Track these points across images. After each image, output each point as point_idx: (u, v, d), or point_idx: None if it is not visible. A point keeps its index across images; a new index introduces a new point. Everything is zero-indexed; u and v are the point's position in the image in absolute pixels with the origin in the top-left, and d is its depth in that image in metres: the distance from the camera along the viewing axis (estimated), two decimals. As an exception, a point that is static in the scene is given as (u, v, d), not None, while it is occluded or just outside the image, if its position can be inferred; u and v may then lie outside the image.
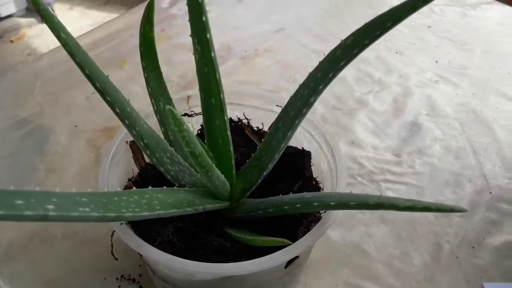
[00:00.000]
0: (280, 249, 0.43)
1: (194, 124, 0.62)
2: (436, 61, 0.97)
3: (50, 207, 0.29)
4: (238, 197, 0.51)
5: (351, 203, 0.40)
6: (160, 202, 0.41)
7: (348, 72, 0.92)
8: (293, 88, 0.84)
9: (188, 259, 0.44)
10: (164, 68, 0.50)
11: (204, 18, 0.41)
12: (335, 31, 1.05)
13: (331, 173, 0.51)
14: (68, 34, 0.38)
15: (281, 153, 0.47)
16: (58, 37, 0.38)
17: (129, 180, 0.53)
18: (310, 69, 0.43)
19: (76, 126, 0.75)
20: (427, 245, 0.62)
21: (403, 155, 0.75)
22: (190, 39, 0.44)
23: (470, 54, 1.00)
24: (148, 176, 0.52)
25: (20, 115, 0.76)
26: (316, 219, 0.48)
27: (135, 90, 0.82)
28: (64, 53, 0.39)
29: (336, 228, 0.63)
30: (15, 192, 0.27)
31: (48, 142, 0.72)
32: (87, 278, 0.55)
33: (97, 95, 0.42)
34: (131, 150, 0.53)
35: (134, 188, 0.51)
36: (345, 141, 0.76)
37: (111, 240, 0.48)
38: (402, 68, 0.95)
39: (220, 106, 0.47)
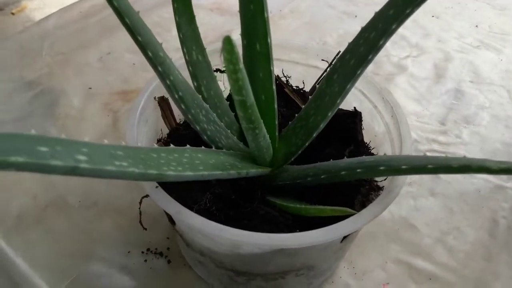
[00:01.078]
0: (337, 220, 0.37)
1: (226, 82, 0.55)
2: (476, 26, 0.90)
3: (81, 157, 0.23)
4: (280, 162, 0.44)
5: (429, 166, 0.33)
6: (202, 163, 0.34)
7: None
8: (324, 51, 0.76)
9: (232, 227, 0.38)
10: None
11: None
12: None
13: (390, 136, 0.44)
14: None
15: (335, 110, 0.41)
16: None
17: (158, 141, 0.46)
18: (342, 32, 0.37)
19: (90, 88, 0.68)
20: (482, 220, 0.56)
21: (449, 124, 0.68)
22: (210, 0, 0.37)
23: (510, 19, 0.92)
24: (179, 137, 0.45)
25: (27, 77, 0.69)
26: (376, 187, 0.42)
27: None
28: (74, 12, 0.33)
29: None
30: (37, 137, 0.21)
31: (59, 105, 0.65)
32: (110, 252, 0.50)
33: (112, 56, 0.35)
34: (160, 107, 0.46)
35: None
36: (385, 108, 0.69)
37: (139, 208, 0.41)
38: (440, 32, 0.87)
39: (266, 54, 0.40)
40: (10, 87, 0.68)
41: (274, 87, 0.42)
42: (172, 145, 0.43)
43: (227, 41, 0.25)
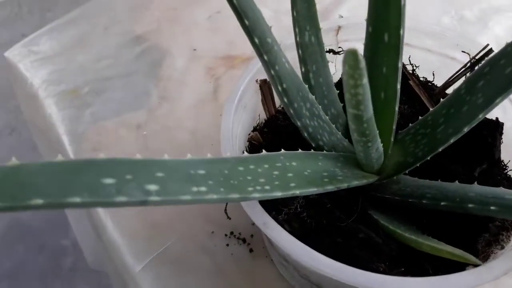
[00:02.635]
0: (452, 264, 0.30)
1: (338, 65, 0.48)
2: None
3: (153, 188, 0.19)
4: (391, 172, 0.38)
5: None
6: (295, 175, 0.30)
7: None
8: (460, 29, 0.63)
9: (322, 244, 0.34)
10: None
11: None
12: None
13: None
14: None
15: (474, 125, 0.32)
16: None
17: (255, 128, 0.42)
18: (485, 6, 0.28)
19: (195, 50, 0.65)
20: None
21: None
22: None
23: None
24: (278, 127, 0.41)
25: (136, 31, 0.69)
26: (509, 226, 0.34)
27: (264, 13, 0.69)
28: None
29: None
30: (106, 165, 0.17)
31: (163, 66, 0.64)
32: (195, 228, 0.48)
33: (221, 15, 0.30)
34: (260, 91, 0.41)
35: (259, 138, 0.41)
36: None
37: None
38: None
39: (395, 48, 0.33)
40: (119, 40, 0.68)
41: (398, 86, 0.35)
42: (268, 136, 0.39)
43: (351, 56, 0.19)
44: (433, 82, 0.44)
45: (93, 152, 0.54)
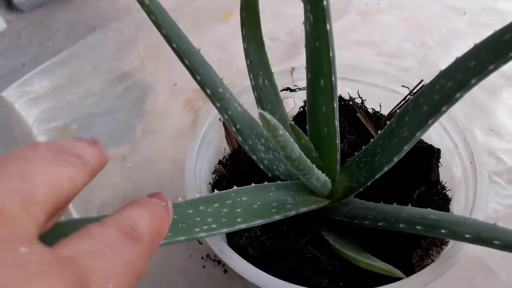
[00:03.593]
0: (387, 278, 0.34)
1: (297, 100, 0.53)
2: None
3: None
4: (340, 196, 0.42)
5: (496, 242, 0.30)
6: (243, 210, 0.34)
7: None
8: (421, 54, 0.69)
9: (277, 264, 0.38)
10: (270, 24, 0.42)
11: (321, -20, 0.32)
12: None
13: (467, 184, 0.40)
14: (153, 0, 0.31)
15: (402, 156, 0.37)
16: (142, 4, 0.31)
17: (220, 162, 0.47)
18: (445, 32, 0.32)
19: (175, 84, 0.71)
20: None
21: (558, 153, 0.59)
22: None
23: None
24: (240, 160, 0.46)
25: (122, 68, 0.74)
26: (438, 241, 0.38)
27: (240, 48, 0.75)
28: (169, 1, 0.32)
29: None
30: (69, 224, 0.23)
31: (147, 100, 0.69)
32: (173, 252, 0.53)
33: (202, 51, 0.35)
34: (224, 128, 0.46)
35: (223, 170, 0.46)
36: (481, 127, 0.62)
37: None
38: None
39: (330, 91, 0.37)
40: (106, 78, 0.73)
41: (336, 123, 0.39)
42: (231, 169, 0.44)
43: (263, 119, 0.25)
44: (380, 113, 0.49)
45: (81, 185, 0.59)
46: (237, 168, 0.45)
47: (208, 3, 0.84)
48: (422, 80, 0.44)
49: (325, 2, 0.33)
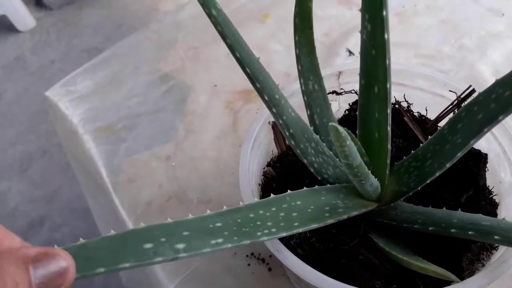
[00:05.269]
0: (439, 282, 0.35)
1: (342, 103, 0.54)
2: None
3: (180, 246, 0.26)
4: (388, 200, 0.43)
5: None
6: (298, 214, 0.36)
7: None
8: (458, 56, 0.69)
9: (329, 266, 0.39)
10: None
11: (383, -9, 0.33)
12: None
13: (516, 189, 0.40)
14: (219, 11, 0.33)
15: (455, 161, 0.38)
16: (209, 15, 0.33)
17: (269, 163, 0.48)
18: (483, 33, 0.32)
19: (215, 85, 0.73)
20: None
21: None
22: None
23: None
24: (288, 162, 0.47)
25: (162, 69, 0.76)
26: (489, 246, 0.39)
27: (276, 49, 0.76)
28: None
29: None
30: (145, 232, 0.25)
31: (188, 101, 0.71)
32: (219, 251, 0.54)
33: None
34: (273, 131, 0.48)
35: (272, 172, 0.47)
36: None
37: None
38: None
39: (384, 98, 0.38)
40: (148, 79, 0.75)
41: (389, 128, 0.40)
42: (280, 170, 0.45)
43: (334, 130, 0.26)
44: (426, 117, 0.49)
45: (129, 183, 0.61)
46: (286, 170, 0.46)
47: (245, 4, 0.85)
48: (470, 86, 0.45)
49: (384, 13, 0.34)
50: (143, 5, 2.10)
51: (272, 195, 0.36)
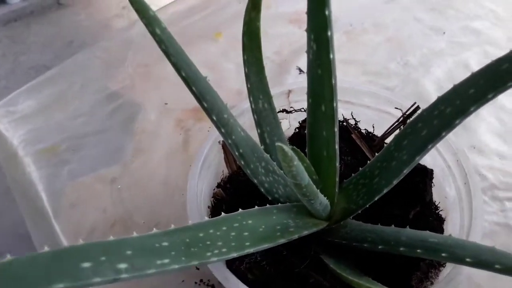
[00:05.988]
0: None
1: (292, 121, 0.54)
2: None
3: (122, 266, 0.24)
4: (338, 218, 0.43)
5: (496, 266, 0.31)
6: (250, 233, 0.35)
7: (472, 57, 0.77)
8: (404, 73, 0.72)
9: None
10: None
11: (327, 12, 0.33)
12: (456, 3, 0.89)
13: (461, 204, 0.41)
14: (164, 29, 0.32)
15: (401, 178, 0.38)
16: (153, 33, 0.31)
17: (219, 184, 0.47)
18: (426, 51, 0.33)
19: (166, 103, 0.71)
20: None
21: (538, 169, 0.61)
22: (290, 9, 0.36)
23: None
24: (239, 183, 0.46)
25: (111, 88, 0.74)
26: (437, 263, 0.39)
27: (228, 68, 0.76)
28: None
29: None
30: (83, 250, 0.22)
31: (137, 120, 0.69)
32: (165, 278, 0.52)
33: None
34: (223, 151, 0.47)
35: (222, 194, 0.46)
36: (464, 144, 0.64)
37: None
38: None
39: (331, 116, 0.38)
40: (94, 98, 0.72)
41: (337, 146, 0.40)
42: (230, 191, 0.44)
43: (281, 150, 0.25)
44: (373, 133, 0.50)
45: (71, 208, 0.58)
46: (236, 191, 0.45)
47: (197, 22, 0.84)
48: (415, 103, 0.46)
49: (329, 33, 0.34)
50: (95, 21, 2.06)
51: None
